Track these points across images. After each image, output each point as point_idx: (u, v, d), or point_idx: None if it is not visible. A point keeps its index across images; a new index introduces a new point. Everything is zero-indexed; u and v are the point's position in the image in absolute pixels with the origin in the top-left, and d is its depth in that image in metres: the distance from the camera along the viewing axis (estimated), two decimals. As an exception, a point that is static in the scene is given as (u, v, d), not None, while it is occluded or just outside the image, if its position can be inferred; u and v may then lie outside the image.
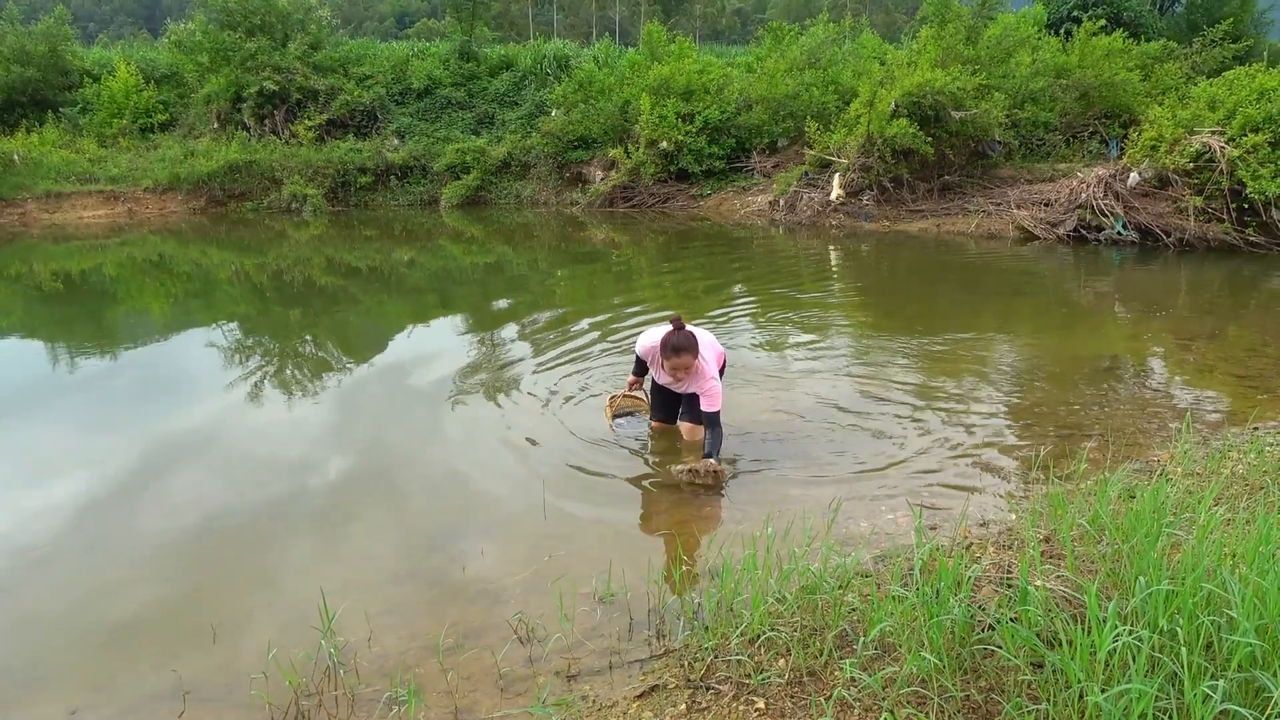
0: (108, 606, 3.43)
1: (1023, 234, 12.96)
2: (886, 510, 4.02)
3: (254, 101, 18.99)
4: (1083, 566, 2.94)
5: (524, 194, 18.63)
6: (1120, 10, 21.64)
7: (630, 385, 5.09)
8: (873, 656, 2.58)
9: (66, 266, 12.41)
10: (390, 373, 6.57)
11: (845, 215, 14.68)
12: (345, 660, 2.94)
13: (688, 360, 4.35)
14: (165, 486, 4.52)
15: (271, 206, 17.67)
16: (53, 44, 20.85)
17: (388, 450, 5.05)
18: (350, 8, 78.87)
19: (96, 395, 6.23)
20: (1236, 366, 6.44)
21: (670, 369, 4.44)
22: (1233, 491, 3.75)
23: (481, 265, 12.29)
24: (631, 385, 5.08)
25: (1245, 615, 2.19)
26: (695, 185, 17.60)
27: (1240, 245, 11.39)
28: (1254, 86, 11.67)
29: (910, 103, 13.76)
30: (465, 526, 4.03)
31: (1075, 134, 16.25)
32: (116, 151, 18.83)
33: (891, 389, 5.92)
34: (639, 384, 5.09)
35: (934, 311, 8.93)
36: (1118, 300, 9.50)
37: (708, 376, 4.44)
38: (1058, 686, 2.24)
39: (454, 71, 21.01)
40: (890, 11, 69.48)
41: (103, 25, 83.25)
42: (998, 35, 15.68)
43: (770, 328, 7.99)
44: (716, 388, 4.44)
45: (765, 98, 17.51)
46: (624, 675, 2.80)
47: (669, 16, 65.07)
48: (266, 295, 10.45)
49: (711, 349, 4.60)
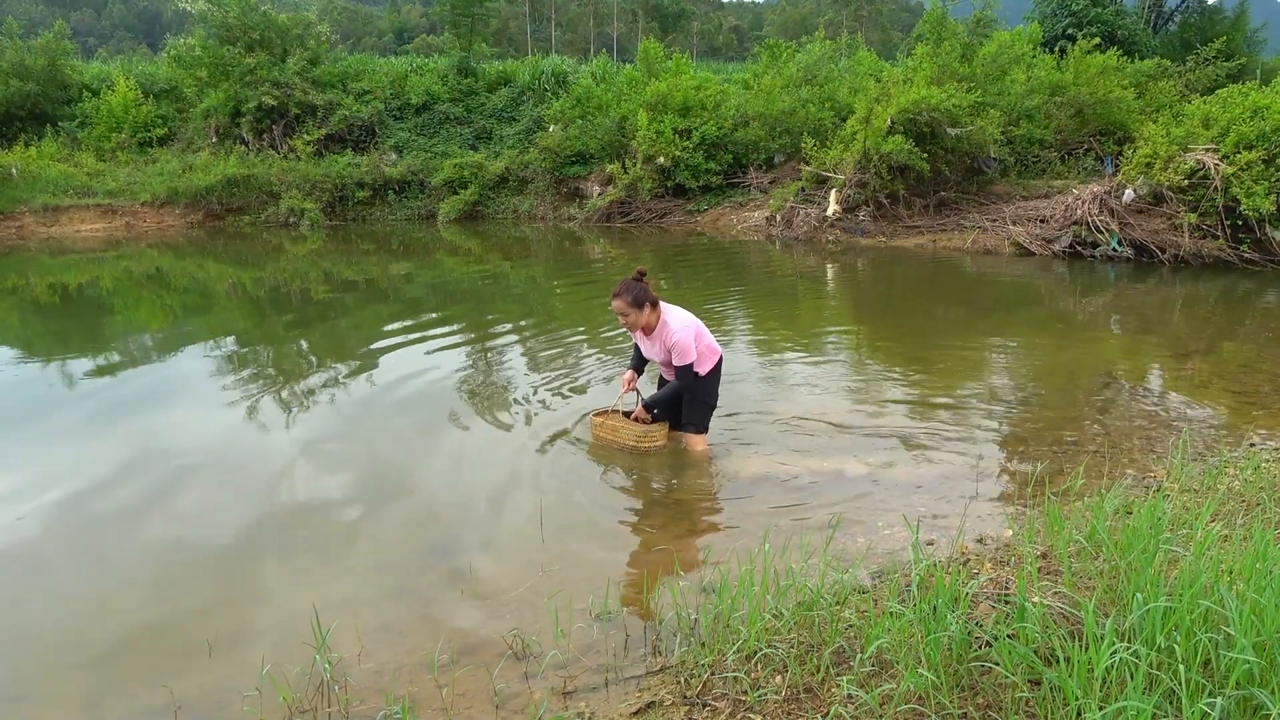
0: (100, 622, 3.40)
1: (1018, 250, 13.02)
2: (884, 526, 4.02)
3: (252, 116, 19.07)
4: (1080, 583, 2.94)
5: (521, 209, 18.69)
6: (1114, 28, 21.83)
7: (626, 381, 4.89)
8: (870, 673, 2.57)
9: (63, 280, 12.40)
10: (386, 387, 6.56)
11: (841, 231, 14.74)
12: (339, 677, 2.91)
13: (619, 305, 4.50)
14: (158, 501, 4.49)
15: (269, 221, 17.71)
16: (52, 58, 20.94)
17: (383, 466, 5.03)
18: (349, 23, 79.29)
19: (90, 409, 6.20)
20: (1232, 383, 6.46)
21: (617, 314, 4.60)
22: (1229, 508, 3.75)
23: (479, 279, 12.30)
24: (627, 381, 4.88)
25: (1243, 632, 2.19)
26: (692, 201, 17.68)
27: (1234, 262, 11.45)
28: (1247, 104, 11.77)
29: (906, 119, 13.85)
30: (460, 542, 4.01)
31: (1070, 151, 16.37)
32: (114, 165, 18.89)
33: (887, 404, 5.93)
34: (634, 378, 4.90)
35: (930, 327, 8.95)
36: (1113, 316, 9.52)
37: (672, 332, 4.56)
38: (1055, 704, 2.23)
39: (452, 87, 21.13)
40: (886, 29, 70.00)
41: (102, 40, 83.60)
42: (993, 53, 15.81)
43: (766, 342, 8.00)
44: (684, 342, 4.55)
45: (762, 114, 17.62)
46: (620, 692, 2.78)
47: (666, 33, 65.54)
48: (263, 309, 10.44)
49: (688, 328, 4.60)
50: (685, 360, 4.58)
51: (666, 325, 4.59)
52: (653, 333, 4.66)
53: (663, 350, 4.67)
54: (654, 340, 4.69)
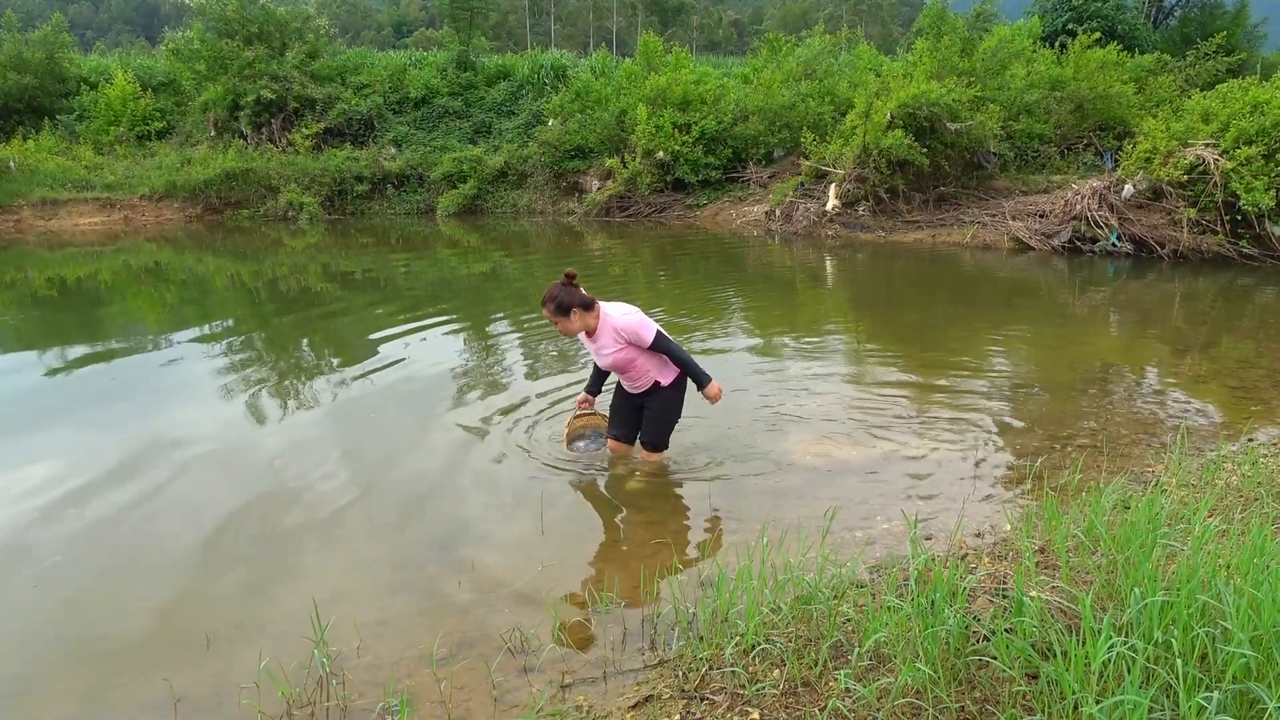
0: (98, 616, 3.40)
1: (1018, 245, 13.01)
2: (882, 520, 4.02)
3: (251, 110, 19.03)
4: (1077, 577, 2.94)
5: (520, 203, 18.65)
6: (1114, 23, 21.79)
7: (580, 403, 4.79)
8: (867, 667, 2.57)
9: (62, 273, 12.38)
10: (385, 382, 6.55)
11: (841, 226, 14.72)
12: (338, 670, 2.92)
13: (547, 314, 4.16)
14: (156, 495, 4.49)
15: (268, 214, 17.68)
16: (50, 51, 20.88)
17: (381, 460, 5.03)
18: (348, 17, 79.07)
19: (88, 402, 6.20)
20: (1230, 378, 6.46)
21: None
22: (1227, 503, 3.75)
23: (478, 273, 12.29)
24: (581, 403, 4.77)
25: (1240, 626, 2.19)
26: (691, 195, 17.65)
27: (1234, 257, 11.44)
28: (1247, 99, 11.74)
29: (906, 114, 13.83)
30: (459, 536, 4.01)
31: (1070, 146, 16.35)
32: (113, 159, 18.84)
33: (886, 399, 5.93)
34: (589, 401, 4.76)
35: (929, 322, 8.95)
36: (1112, 312, 9.53)
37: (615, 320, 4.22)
38: (1052, 698, 2.23)
39: (451, 81, 21.07)
40: (886, 24, 69.92)
41: (100, 33, 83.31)
42: (993, 48, 15.78)
43: (765, 337, 8.00)
44: (631, 323, 4.21)
45: (761, 109, 17.58)
46: (618, 685, 2.79)
47: (666, 27, 65.36)
48: (262, 302, 10.43)
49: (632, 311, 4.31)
50: (644, 338, 4.19)
51: (609, 318, 4.23)
52: (595, 334, 4.29)
53: (613, 341, 4.25)
54: (600, 340, 4.29)
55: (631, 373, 4.39)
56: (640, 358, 4.32)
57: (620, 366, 4.36)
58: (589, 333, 4.30)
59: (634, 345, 4.26)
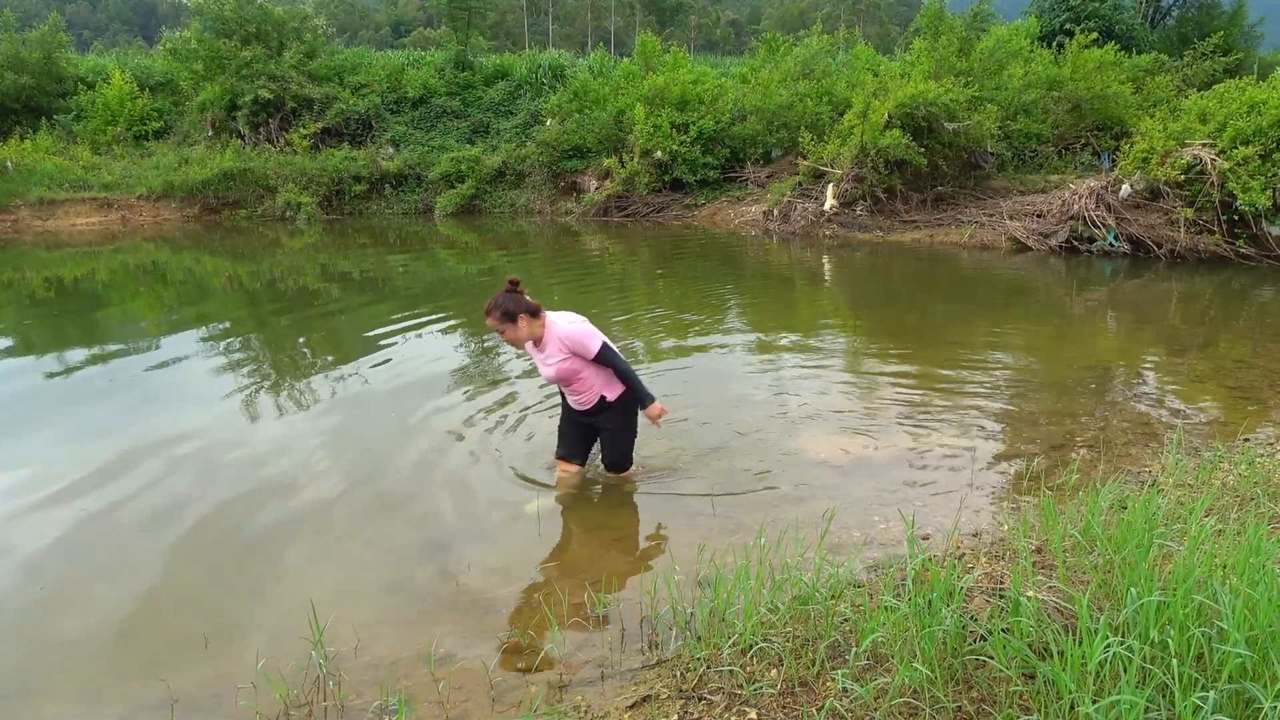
0: (96, 616, 3.40)
1: (1015, 245, 13.02)
2: (879, 520, 4.02)
3: (249, 110, 19.01)
4: (1074, 577, 2.95)
5: (518, 203, 18.64)
6: (1112, 23, 21.83)
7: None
8: (865, 667, 2.57)
9: (59, 273, 12.37)
10: (383, 382, 6.55)
11: (839, 226, 14.73)
12: (335, 670, 2.92)
13: (491, 323, 4.01)
14: (153, 495, 4.48)
15: (265, 215, 17.66)
16: (47, 51, 20.86)
17: (379, 460, 5.02)
18: (346, 17, 79.02)
19: (86, 402, 6.19)
20: (1227, 378, 6.47)
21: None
22: (1223, 503, 3.76)
23: (476, 273, 12.28)
24: None
25: (1236, 626, 2.20)
26: (689, 195, 17.64)
27: (1231, 257, 11.46)
28: (1244, 99, 11.76)
29: (903, 114, 13.84)
30: (457, 536, 4.01)
31: (1067, 146, 16.37)
32: (110, 159, 18.81)
33: (883, 398, 5.93)
34: None
35: (926, 322, 8.96)
36: (1109, 312, 9.54)
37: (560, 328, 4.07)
38: (1049, 697, 2.24)
39: (449, 81, 21.06)
40: (884, 24, 69.97)
41: (98, 33, 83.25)
42: (990, 48, 15.79)
43: (762, 336, 8.00)
44: (576, 332, 4.06)
45: (759, 108, 17.58)
46: (616, 685, 2.79)
47: (664, 27, 65.41)
48: (259, 302, 10.42)
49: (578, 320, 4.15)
50: (590, 348, 4.04)
51: (554, 326, 4.07)
52: (541, 343, 4.13)
53: (559, 351, 4.08)
54: (546, 349, 4.13)
55: (576, 385, 4.21)
56: (585, 370, 4.16)
57: (565, 377, 4.19)
58: (535, 342, 4.14)
59: (579, 355, 4.10)
